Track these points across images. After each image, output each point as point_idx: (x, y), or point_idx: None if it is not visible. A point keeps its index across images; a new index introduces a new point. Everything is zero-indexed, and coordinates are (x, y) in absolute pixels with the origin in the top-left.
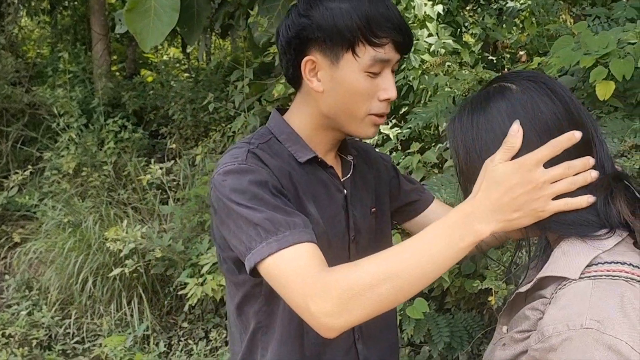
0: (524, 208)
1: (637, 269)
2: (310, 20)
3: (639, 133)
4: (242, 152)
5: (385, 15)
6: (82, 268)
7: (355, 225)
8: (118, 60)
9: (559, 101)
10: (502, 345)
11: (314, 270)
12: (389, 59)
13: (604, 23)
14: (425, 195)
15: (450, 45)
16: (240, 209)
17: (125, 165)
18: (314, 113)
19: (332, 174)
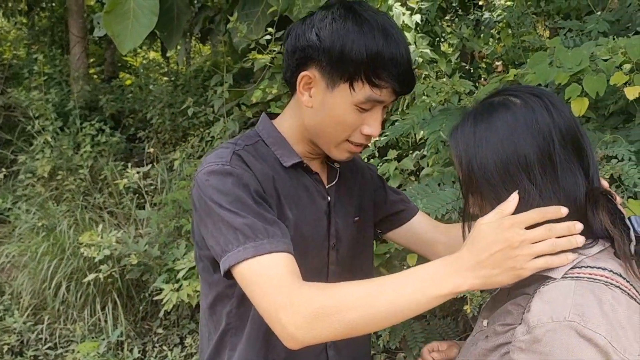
0: (501, 266)
1: (616, 275)
2: (319, 41)
3: (609, 144)
4: (227, 153)
5: (394, 59)
6: (55, 273)
7: (337, 233)
8: (96, 63)
9: (558, 117)
10: (485, 337)
11: (288, 282)
12: (384, 100)
13: (576, 37)
14: (411, 206)
15: (428, 55)
16: (220, 211)
17: (101, 169)
18: (299, 122)
19: (316, 180)
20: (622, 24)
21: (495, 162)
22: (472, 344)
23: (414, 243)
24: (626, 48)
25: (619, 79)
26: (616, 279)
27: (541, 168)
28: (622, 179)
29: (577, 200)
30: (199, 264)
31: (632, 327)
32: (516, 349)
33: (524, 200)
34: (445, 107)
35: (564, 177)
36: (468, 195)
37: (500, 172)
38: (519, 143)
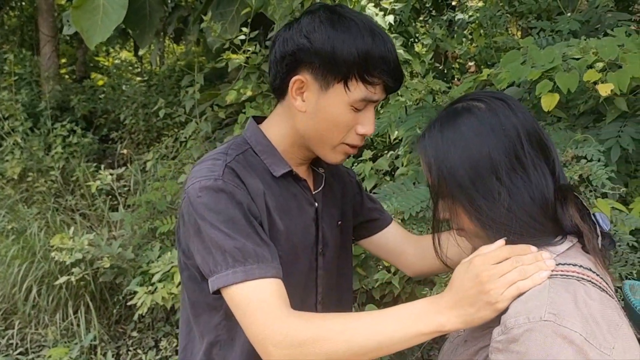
0: (477, 303)
1: (586, 270)
2: (310, 43)
3: (579, 144)
4: (219, 166)
5: (384, 57)
6: (26, 276)
7: (324, 239)
8: (68, 63)
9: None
10: (464, 342)
11: (277, 311)
12: (377, 99)
13: (548, 36)
14: (385, 215)
15: (402, 55)
16: (211, 231)
17: (73, 171)
18: (291, 129)
19: (304, 187)
20: (591, 25)
21: (465, 166)
22: (451, 351)
23: (385, 252)
24: (597, 49)
25: (592, 76)
26: (587, 274)
27: (509, 169)
28: (590, 179)
29: (547, 197)
30: (184, 272)
31: (606, 321)
32: (494, 350)
33: (495, 201)
34: (420, 106)
35: (532, 176)
36: (438, 201)
37: (470, 175)
38: (485, 146)
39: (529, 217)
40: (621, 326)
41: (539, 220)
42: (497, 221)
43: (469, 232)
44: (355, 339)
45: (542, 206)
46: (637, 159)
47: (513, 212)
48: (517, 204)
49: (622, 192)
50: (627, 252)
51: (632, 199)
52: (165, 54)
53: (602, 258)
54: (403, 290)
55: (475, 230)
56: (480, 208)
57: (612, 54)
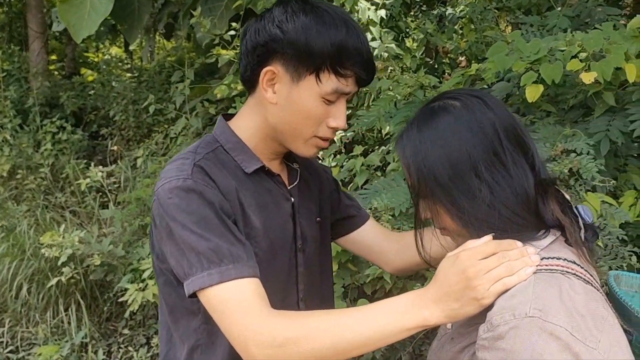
0: (463, 298)
1: (571, 263)
2: (283, 33)
3: (569, 138)
4: (188, 165)
5: (357, 49)
6: (16, 274)
7: (303, 234)
8: (57, 59)
9: (499, 115)
10: (451, 339)
11: (257, 311)
12: (349, 91)
13: (537, 31)
14: (362, 212)
15: (393, 50)
16: (183, 232)
17: (63, 168)
18: (262, 121)
19: (279, 182)
20: (581, 19)
21: (444, 164)
22: (438, 348)
23: (363, 250)
24: (583, 41)
25: (575, 65)
26: (571, 267)
27: (489, 165)
28: (581, 172)
29: (527, 192)
30: (160, 277)
31: (591, 314)
32: (480, 347)
33: (475, 198)
34: (410, 101)
35: (512, 171)
36: (419, 201)
37: (449, 174)
38: (463, 143)
39: (511, 213)
40: (607, 318)
41: (521, 215)
42: (479, 218)
43: (452, 231)
44: (340, 336)
45: (524, 201)
46: (627, 153)
47: (495, 208)
48: (499, 200)
49: (612, 186)
50: (617, 246)
51: (621, 193)
52: (156, 50)
53: (586, 250)
54: (394, 285)
55: (458, 229)
56: (461, 206)
57: (597, 46)
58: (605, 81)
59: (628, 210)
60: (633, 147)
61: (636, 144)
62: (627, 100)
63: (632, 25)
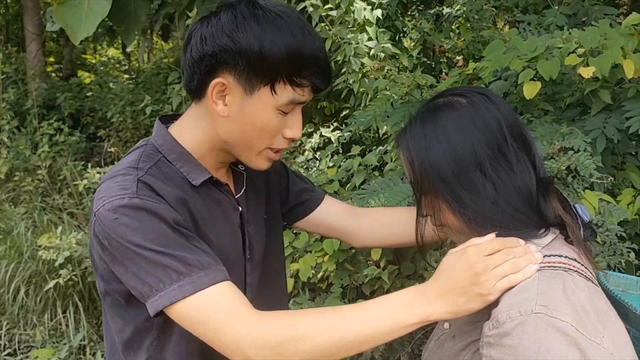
0: (468, 293)
1: (572, 260)
2: (234, 43)
3: (566, 136)
4: (131, 182)
5: (315, 56)
6: (13, 277)
7: (250, 244)
8: (54, 60)
9: (504, 112)
10: (452, 337)
11: (245, 313)
12: (305, 101)
13: (534, 30)
14: (316, 193)
15: (390, 50)
16: (142, 252)
17: (60, 170)
18: (210, 133)
19: (227, 192)
20: (578, 18)
21: (448, 161)
22: (437, 347)
23: (325, 229)
24: (579, 39)
25: (573, 60)
26: (572, 264)
27: (492, 162)
28: (578, 169)
29: (530, 190)
30: (106, 299)
31: (595, 310)
32: (485, 344)
33: (479, 194)
34: (406, 100)
35: (516, 168)
36: (421, 197)
37: (453, 170)
38: (468, 140)
39: (514, 210)
40: (609, 314)
41: (524, 213)
42: (481, 215)
43: (453, 227)
44: (340, 334)
45: (527, 198)
46: (624, 151)
47: (498, 205)
48: (502, 197)
49: (609, 184)
50: (616, 243)
51: (619, 191)
52: (153, 51)
53: (585, 249)
54: (393, 285)
55: (459, 225)
56: (464, 202)
57: (594, 42)
58: (602, 79)
59: (626, 208)
60: (630, 145)
61: (634, 142)
62: (623, 98)
63: (627, 22)
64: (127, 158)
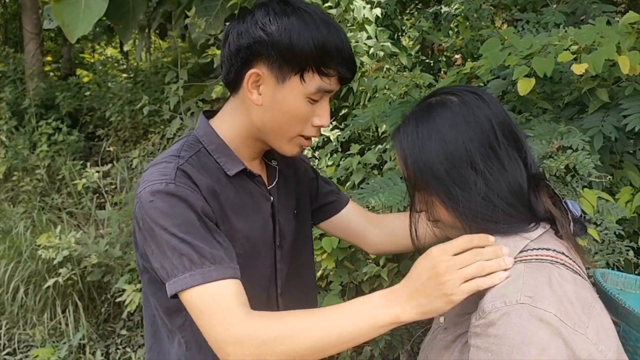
0: (433, 293)
1: (559, 254)
2: (267, 35)
3: (564, 135)
4: (171, 169)
5: (339, 48)
6: (12, 276)
7: (281, 232)
8: (53, 60)
9: (495, 110)
10: (444, 329)
11: (236, 313)
12: (333, 90)
13: (532, 28)
14: (341, 197)
15: (389, 48)
16: (165, 235)
17: (59, 169)
18: (245, 122)
19: (259, 183)
20: (577, 16)
21: (440, 158)
22: (431, 340)
23: (346, 233)
24: (575, 36)
25: (566, 57)
26: (560, 257)
27: (484, 158)
28: (577, 168)
29: (521, 185)
30: (144, 275)
31: (580, 301)
32: (472, 334)
33: (470, 190)
34: (405, 100)
35: (507, 165)
36: (414, 193)
37: (445, 167)
38: (460, 137)
39: (505, 204)
40: (594, 306)
41: (515, 207)
42: (472, 210)
43: (446, 223)
44: (315, 335)
45: (517, 194)
46: (622, 149)
47: (489, 200)
48: (494, 192)
49: (608, 182)
50: (614, 241)
51: (617, 190)
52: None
53: (575, 243)
54: (392, 283)
55: (452, 221)
56: (456, 198)
57: (589, 40)
58: (599, 77)
59: (625, 206)
60: (629, 144)
61: (632, 141)
62: (621, 96)
63: (624, 20)
64: (171, 147)
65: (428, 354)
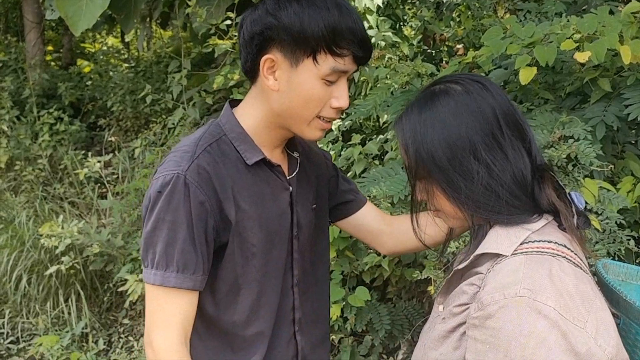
0: None
1: (561, 246)
2: (277, 20)
3: (566, 125)
4: (187, 160)
5: (351, 28)
6: (15, 265)
7: (299, 222)
8: (54, 49)
9: (498, 100)
10: (442, 319)
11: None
12: (347, 70)
13: (534, 17)
14: (359, 197)
15: (390, 38)
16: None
17: (61, 159)
18: (265, 110)
19: (278, 172)
20: (579, 5)
21: (442, 147)
22: (429, 328)
23: (361, 233)
24: (577, 25)
25: (569, 45)
26: (562, 250)
27: (487, 148)
28: (579, 158)
29: (525, 176)
30: None
31: (580, 295)
32: (470, 326)
33: (473, 180)
34: (406, 90)
35: (510, 155)
36: (416, 182)
37: (448, 156)
38: (463, 126)
39: (508, 195)
40: (594, 300)
41: (518, 198)
42: (474, 200)
43: (447, 213)
44: None
45: (521, 184)
46: (624, 139)
47: (492, 190)
48: (496, 183)
49: (609, 172)
50: (615, 230)
51: (619, 180)
52: (152, 40)
53: (578, 236)
54: (393, 273)
55: (453, 210)
56: (458, 188)
57: (591, 29)
58: (601, 67)
59: (626, 196)
60: (630, 134)
61: (633, 131)
62: (622, 86)
63: (627, 10)
64: (193, 135)
65: (426, 343)
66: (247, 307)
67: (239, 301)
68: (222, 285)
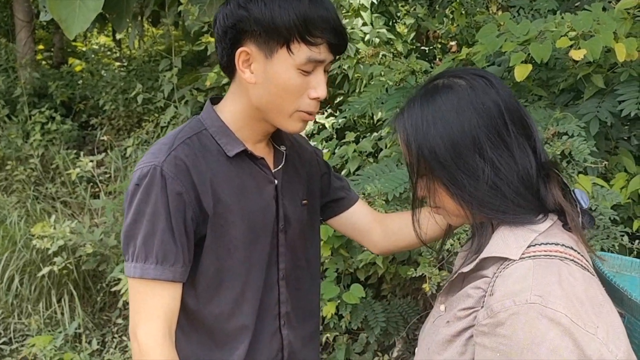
0: None
1: (568, 249)
2: (248, 12)
3: (560, 121)
4: (164, 152)
5: (323, 17)
6: (7, 266)
7: (286, 216)
8: (45, 48)
9: (503, 96)
10: (446, 323)
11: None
12: (323, 59)
13: (527, 14)
14: (351, 194)
15: (385, 35)
16: (132, 215)
17: (53, 158)
18: (245, 104)
19: (262, 165)
20: (571, 2)
21: (445, 144)
22: (433, 331)
23: (352, 231)
24: (572, 22)
25: (564, 43)
26: (569, 253)
27: (492, 146)
28: (573, 154)
29: (530, 175)
30: None
31: (590, 300)
32: (479, 333)
33: (478, 178)
34: (401, 87)
35: (516, 153)
36: (417, 179)
37: (450, 153)
38: (466, 123)
39: (514, 194)
40: (604, 304)
41: (523, 197)
42: (479, 199)
43: (449, 210)
44: None
45: (526, 183)
46: (617, 136)
47: (497, 189)
48: (502, 181)
49: (603, 168)
50: (609, 226)
51: (612, 176)
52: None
53: (583, 236)
54: (387, 270)
55: (455, 208)
56: (462, 186)
57: (586, 26)
58: (594, 63)
59: (619, 192)
60: (623, 130)
61: (626, 127)
62: (616, 82)
63: (620, 6)
64: (175, 130)
65: (430, 347)
66: (229, 300)
67: (221, 294)
68: (203, 278)
